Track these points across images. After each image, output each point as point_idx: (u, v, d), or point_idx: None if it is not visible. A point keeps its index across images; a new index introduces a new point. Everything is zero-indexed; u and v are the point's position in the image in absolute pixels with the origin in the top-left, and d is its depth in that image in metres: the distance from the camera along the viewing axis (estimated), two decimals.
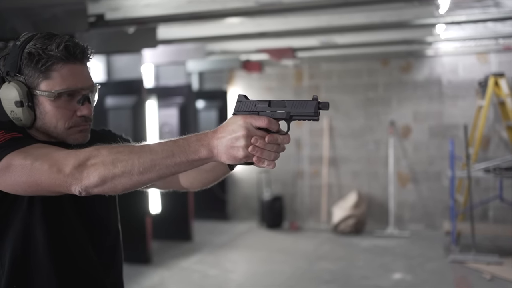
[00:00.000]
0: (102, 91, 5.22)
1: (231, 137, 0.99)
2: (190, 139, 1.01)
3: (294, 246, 5.94)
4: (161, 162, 1.00)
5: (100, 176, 1.00)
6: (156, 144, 1.03)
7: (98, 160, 1.01)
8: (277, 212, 6.76)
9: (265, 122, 1.00)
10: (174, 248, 5.74)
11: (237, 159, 1.00)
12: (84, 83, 1.22)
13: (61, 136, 1.23)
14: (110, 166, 1.00)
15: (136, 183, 1.02)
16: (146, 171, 1.00)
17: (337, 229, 6.34)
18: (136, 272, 4.89)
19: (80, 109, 1.22)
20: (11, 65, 1.18)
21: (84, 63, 1.23)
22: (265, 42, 5.29)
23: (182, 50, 5.46)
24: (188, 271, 4.99)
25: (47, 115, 1.20)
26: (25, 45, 1.18)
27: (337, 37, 5.18)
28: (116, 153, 1.01)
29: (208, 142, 1.00)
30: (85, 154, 1.02)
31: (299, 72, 7.02)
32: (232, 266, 5.29)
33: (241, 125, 0.99)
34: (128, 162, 1.00)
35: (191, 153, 1.00)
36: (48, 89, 1.18)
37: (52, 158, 1.04)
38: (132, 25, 3.80)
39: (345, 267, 5.05)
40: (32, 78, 1.18)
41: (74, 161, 1.01)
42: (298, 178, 7.07)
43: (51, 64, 1.17)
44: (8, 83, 1.19)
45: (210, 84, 7.54)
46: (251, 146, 0.99)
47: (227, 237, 6.34)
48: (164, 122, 6.05)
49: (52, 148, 1.09)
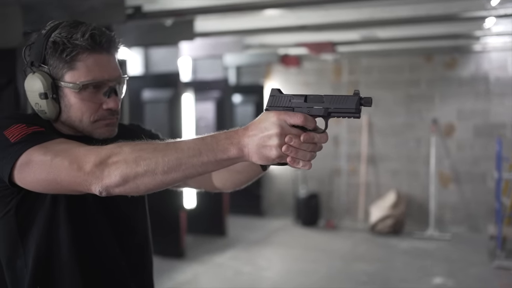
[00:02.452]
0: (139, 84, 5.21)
1: (263, 135, 0.90)
2: (219, 136, 0.93)
3: (330, 245, 5.80)
4: (187, 161, 0.92)
5: (122, 175, 0.92)
6: (182, 141, 0.95)
7: (120, 158, 0.93)
8: (313, 209, 6.63)
9: (300, 119, 0.91)
10: (208, 243, 5.71)
11: (270, 159, 0.91)
12: (111, 74, 1.14)
13: (87, 130, 1.16)
14: (133, 164, 0.92)
15: (160, 183, 0.94)
16: (170, 171, 0.92)
17: (374, 229, 6.16)
18: (169, 266, 4.87)
19: (106, 102, 1.15)
20: (36, 55, 1.12)
21: (111, 53, 1.15)
22: (304, 35, 5.16)
23: (220, 43, 5.39)
24: (221, 267, 4.94)
25: (72, 107, 1.13)
26: (50, 34, 1.10)
27: (379, 31, 5.00)
28: (139, 150, 0.93)
29: (238, 140, 0.91)
30: (106, 151, 0.95)
31: (338, 67, 6.86)
32: (266, 263, 5.21)
33: (274, 122, 0.90)
34: (152, 161, 0.92)
35: (220, 152, 0.91)
36: (73, 80, 1.11)
37: (72, 155, 0.97)
38: (169, 17, 3.75)
39: (382, 269, 4.89)
40: (57, 68, 1.11)
41: (95, 159, 0.94)
42: (335, 175, 6.92)
43: (76, 54, 1.09)
44: (33, 74, 1.12)
45: (247, 79, 7.47)
46: (285, 145, 0.90)
47: (262, 233, 6.26)
48: (201, 116, 6.01)
49: (74, 144, 1.02)
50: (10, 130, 1.02)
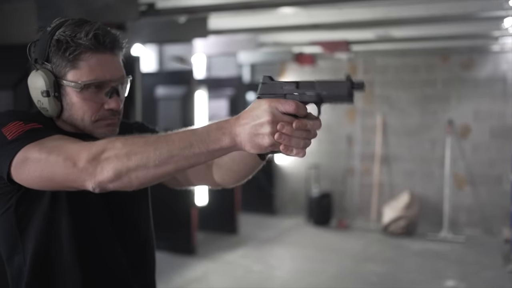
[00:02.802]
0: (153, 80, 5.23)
1: (255, 124, 0.89)
2: (210, 127, 0.92)
3: (341, 245, 5.77)
4: (178, 153, 0.91)
5: (114, 170, 0.92)
6: (173, 133, 0.94)
7: (112, 153, 0.93)
8: (325, 209, 6.61)
9: (292, 107, 0.89)
10: (219, 241, 5.72)
11: (263, 147, 0.90)
12: (113, 74, 1.14)
13: (88, 129, 1.16)
14: (124, 159, 0.92)
15: (152, 176, 0.94)
16: (162, 164, 0.92)
17: (387, 230, 6.11)
18: (180, 262, 4.90)
19: (108, 102, 1.14)
20: (40, 52, 1.12)
21: (114, 53, 1.15)
22: (318, 34, 5.13)
23: (234, 41, 5.39)
24: (232, 265, 4.95)
25: (73, 106, 1.13)
26: (55, 32, 1.11)
27: (394, 30, 4.95)
28: (130, 145, 0.93)
29: (230, 129, 0.90)
30: (98, 147, 0.95)
31: (353, 66, 6.81)
32: (277, 262, 5.21)
33: (265, 110, 0.89)
34: (143, 155, 0.92)
35: (211, 142, 0.91)
36: (75, 79, 1.11)
37: (66, 151, 0.97)
38: (182, 14, 3.76)
39: (393, 270, 4.85)
40: (60, 67, 1.11)
41: (87, 155, 0.94)
42: (348, 175, 6.88)
43: (79, 53, 1.09)
44: (36, 71, 1.13)
45: (261, 76, 7.43)
46: (277, 133, 0.88)
47: (273, 232, 6.25)
48: (214, 113, 6.01)
49: (68, 140, 1.02)
50: (8, 127, 1.03)
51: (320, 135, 4.67)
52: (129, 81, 1.20)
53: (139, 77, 4.06)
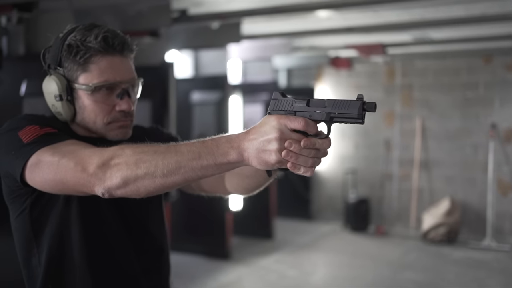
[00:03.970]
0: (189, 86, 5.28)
1: (262, 140, 0.88)
2: (219, 140, 0.92)
3: (379, 251, 5.65)
4: (186, 164, 0.91)
5: (122, 177, 0.94)
6: (183, 144, 0.94)
7: (122, 160, 0.94)
8: (362, 215, 6.49)
9: (301, 124, 0.88)
10: (254, 246, 5.71)
11: (269, 164, 0.89)
12: (124, 76, 1.16)
13: (101, 132, 1.18)
14: (133, 166, 0.93)
15: (159, 186, 0.94)
16: (170, 173, 0.92)
17: (426, 237, 5.95)
18: (214, 267, 4.92)
19: (119, 104, 1.17)
20: (52, 58, 1.16)
21: (124, 55, 1.17)
22: (353, 37, 5.07)
23: (268, 46, 5.39)
24: (266, 270, 4.93)
25: (86, 109, 1.16)
26: (67, 37, 1.14)
27: (432, 31, 4.83)
28: (140, 153, 0.94)
29: (238, 144, 0.90)
30: (109, 153, 0.96)
31: (391, 70, 6.68)
32: (312, 268, 5.15)
33: (274, 127, 0.87)
34: (152, 163, 0.92)
35: (220, 155, 0.90)
36: (86, 82, 1.13)
37: (78, 156, 0.99)
38: (215, 20, 3.79)
39: (432, 279, 4.71)
40: (71, 71, 1.14)
41: (98, 160, 0.96)
42: (386, 180, 6.74)
43: (89, 56, 1.12)
44: (49, 76, 1.16)
45: (298, 81, 7.42)
46: (284, 150, 0.87)
47: (309, 237, 6.19)
48: (250, 118, 6.03)
49: (81, 145, 1.04)
50: (24, 131, 1.06)
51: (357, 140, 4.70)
52: (141, 83, 1.21)
53: (173, 83, 4.12)
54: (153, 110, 4.17)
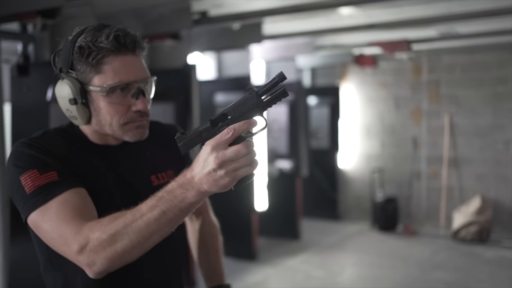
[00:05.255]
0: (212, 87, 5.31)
1: (208, 171, 0.88)
2: (172, 189, 0.93)
3: (407, 251, 5.55)
4: (157, 225, 0.94)
5: (105, 260, 0.96)
6: (145, 206, 0.95)
7: (96, 243, 0.96)
8: (390, 214, 6.39)
9: (229, 136, 0.89)
10: (280, 246, 5.69)
11: (228, 186, 0.90)
12: (138, 75, 1.14)
13: (117, 134, 1.17)
14: (109, 247, 0.95)
15: (143, 250, 0.98)
16: (146, 239, 0.95)
17: (457, 236, 5.81)
18: (241, 267, 4.92)
19: (135, 104, 1.15)
20: (64, 61, 1.13)
21: (137, 54, 1.15)
22: (377, 34, 4.99)
23: (291, 45, 5.36)
24: (293, 271, 4.90)
25: (101, 111, 1.14)
26: (76, 39, 1.12)
27: (459, 26, 4.71)
28: (110, 230, 0.95)
29: (191, 184, 0.91)
30: (82, 239, 0.97)
31: (417, 66, 6.56)
32: (339, 268, 5.09)
33: (210, 154, 0.88)
34: (124, 241, 0.94)
35: (180, 202, 0.92)
36: (100, 83, 1.11)
37: (63, 236, 1.00)
38: (235, 21, 3.79)
39: (463, 279, 4.59)
40: (84, 73, 1.12)
41: (77, 247, 0.98)
42: (414, 179, 6.61)
43: (102, 57, 1.10)
44: (62, 80, 1.14)
45: (322, 80, 7.36)
46: (231, 171, 0.88)
47: (336, 237, 6.13)
48: (274, 119, 6.02)
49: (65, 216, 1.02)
50: (25, 176, 1.05)
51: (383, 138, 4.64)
52: (154, 81, 1.20)
53: (196, 85, 4.14)
54: (176, 113, 4.19)
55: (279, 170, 5.88)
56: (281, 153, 5.99)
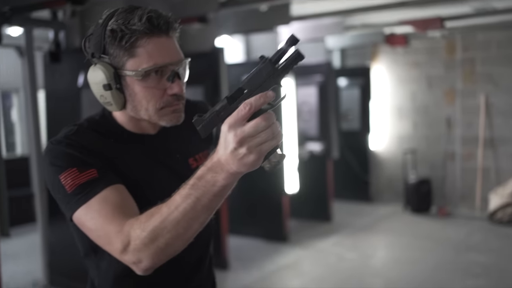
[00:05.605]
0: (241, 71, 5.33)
1: (231, 150, 0.84)
2: (203, 174, 0.90)
3: (441, 233, 5.47)
4: (194, 214, 0.92)
5: (150, 257, 0.96)
6: (179, 196, 0.93)
7: (138, 242, 0.95)
8: (423, 196, 6.29)
9: (245, 111, 0.84)
10: (312, 228, 5.69)
11: (255, 164, 0.85)
12: (173, 57, 1.10)
13: (154, 119, 1.14)
14: (151, 244, 0.95)
15: (186, 241, 0.97)
16: (186, 229, 0.94)
17: (493, 218, 5.69)
18: (272, 249, 4.94)
19: (170, 87, 1.11)
20: (95, 46, 1.09)
21: (170, 35, 1.10)
22: (409, 12, 4.87)
23: (320, 26, 5.29)
24: (324, 253, 4.90)
25: (136, 96, 1.11)
26: (107, 23, 1.07)
27: (495, 1, 4.55)
28: (150, 227, 0.95)
29: (219, 167, 0.87)
30: (124, 237, 0.97)
31: (451, 44, 6.37)
32: (371, 251, 5.06)
33: (228, 134, 0.84)
34: (165, 235, 0.94)
35: (213, 187, 0.89)
36: (135, 67, 1.07)
37: (107, 235, 1.01)
38: (263, 2, 3.75)
39: (499, 261, 4.50)
40: (118, 57, 1.08)
41: (120, 246, 0.98)
42: (448, 160, 6.48)
43: (135, 40, 1.06)
44: (94, 66, 1.10)
45: (352, 61, 7.25)
46: (254, 147, 0.84)
47: (369, 219, 6.09)
48: (303, 101, 5.97)
49: (108, 214, 1.02)
50: (64, 175, 1.05)
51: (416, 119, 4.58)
52: (188, 63, 1.16)
53: (224, 68, 4.14)
54: (205, 97, 4.21)
55: (309, 152, 5.86)
56: (312, 136, 5.96)
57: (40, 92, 4.36)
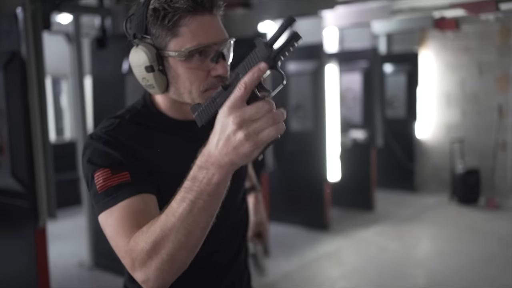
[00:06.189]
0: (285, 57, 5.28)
1: (224, 137, 0.79)
2: (194, 174, 0.84)
3: (489, 226, 5.28)
4: (191, 218, 0.85)
5: (157, 270, 0.89)
6: (174, 202, 0.87)
7: (143, 255, 0.89)
8: (471, 186, 6.08)
9: (242, 91, 0.78)
10: (353, 217, 5.62)
11: (250, 154, 0.78)
12: (217, 37, 1.04)
13: (197, 102, 1.07)
14: (155, 257, 0.88)
15: (191, 251, 0.90)
16: (187, 237, 0.86)
17: None
18: (313, 237, 4.92)
19: (214, 68, 1.05)
20: (137, 26, 1.04)
21: (214, 13, 1.05)
22: None
23: (365, 10, 5.15)
24: (366, 242, 4.83)
25: (179, 78, 1.06)
26: (149, 1, 1.04)
27: None
28: (151, 241, 0.89)
29: (209, 162, 0.82)
30: (131, 251, 0.92)
31: (505, 28, 6.07)
32: (415, 241, 4.95)
33: (226, 117, 0.79)
34: (166, 245, 0.87)
35: (206, 186, 0.82)
36: (178, 48, 1.02)
37: (119, 248, 0.96)
38: None
39: None
40: (160, 37, 1.03)
41: (129, 262, 0.93)
42: (499, 149, 6.22)
43: (178, 18, 1.01)
44: (136, 47, 1.05)
45: (399, 47, 7.04)
46: (252, 133, 0.77)
47: (412, 210, 5.95)
48: (347, 87, 5.86)
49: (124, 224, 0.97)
50: (98, 174, 1.03)
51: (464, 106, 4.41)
52: (232, 44, 1.10)
53: None
54: None
55: (352, 140, 5.76)
56: (355, 123, 5.85)
57: (87, 78, 4.47)
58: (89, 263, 4.28)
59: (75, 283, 4.09)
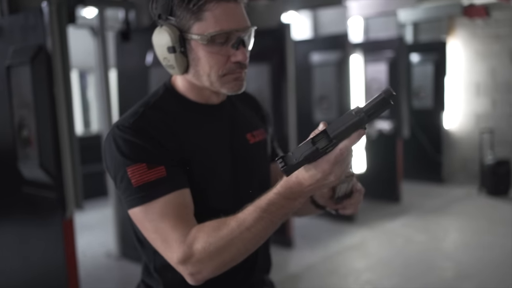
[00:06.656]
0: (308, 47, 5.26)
1: (323, 183, 0.89)
2: (278, 202, 0.94)
3: None
4: (265, 233, 0.98)
5: (213, 268, 0.99)
6: (250, 217, 0.95)
7: (204, 255, 0.97)
8: (501, 178, 5.94)
9: (342, 158, 0.86)
10: (379, 209, 5.55)
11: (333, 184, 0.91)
12: (239, 24, 1.08)
13: (215, 86, 1.12)
14: (217, 259, 0.98)
15: (249, 254, 1.01)
16: (254, 246, 0.99)
17: None
18: (338, 229, 4.88)
19: (234, 54, 1.09)
20: (162, 7, 1.07)
21: (238, 1, 1.09)
22: None
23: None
24: (392, 234, 4.77)
25: (200, 61, 1.09)
26: None
27: None
28: (217, 246, 0.97)
29: (299, 194, 0.92)
30: (188, 248, 0.98)
31: None
32: (442, 233, 4.87)
33: (327, 173, 0.88)
34: (232, 251, 0.97)
35: (288, 209, 0.95)
36: (201, 32, 1.05)
37: (164, 240, 1.01)
38: None
39: None
40: (184, 20, 1.06)
41: (181, 256, 0.98)
42: None
43: (203, 3, 1.04)
44: (160, 28, 1.09)
45: (426, 36, 6.90)
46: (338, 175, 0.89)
47: (440, 201, 5.85)
48: (372, 77, 5.78)
49: (170, 219, 1.01)
50: (132, 168, 1.03)
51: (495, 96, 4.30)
52: (254, 31, 1.13)
53: (291, 45, 4.07)
54: (271, 74, 4.17)
55: (378, 131, 5.69)
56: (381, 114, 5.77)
57: (112, 71, 4.51)
58: (116, 253, 4.36)
59: (103, 272, 4.17)
